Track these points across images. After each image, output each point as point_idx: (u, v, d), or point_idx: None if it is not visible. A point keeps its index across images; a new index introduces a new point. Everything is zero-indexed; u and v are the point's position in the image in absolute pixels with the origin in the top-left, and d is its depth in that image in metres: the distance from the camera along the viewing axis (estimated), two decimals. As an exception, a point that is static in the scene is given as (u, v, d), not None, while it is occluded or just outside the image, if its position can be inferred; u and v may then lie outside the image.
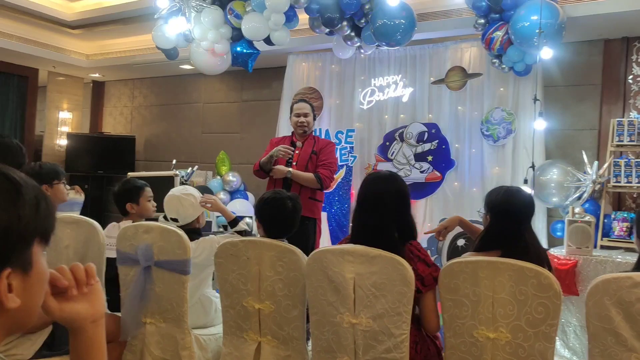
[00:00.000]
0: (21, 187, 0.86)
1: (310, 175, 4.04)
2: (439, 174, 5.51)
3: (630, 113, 4.89)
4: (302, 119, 4.15)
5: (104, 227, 3.10)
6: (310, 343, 2.52)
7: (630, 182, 4.25)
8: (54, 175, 3.40)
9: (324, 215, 5.40)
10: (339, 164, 5.80)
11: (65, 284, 1.00)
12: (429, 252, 2.51)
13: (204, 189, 4.25)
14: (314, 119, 4.26)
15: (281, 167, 4.02)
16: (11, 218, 0.83)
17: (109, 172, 7.81)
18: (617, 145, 4.42)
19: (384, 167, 5.75)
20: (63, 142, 8.05)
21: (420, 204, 5.58)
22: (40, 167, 3.23)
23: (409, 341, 2.22)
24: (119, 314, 2.95)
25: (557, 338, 2.07)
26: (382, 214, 2.34)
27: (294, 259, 2.49)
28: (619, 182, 4.29)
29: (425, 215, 5.49)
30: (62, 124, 8.18)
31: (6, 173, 0.87)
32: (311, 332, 2.47)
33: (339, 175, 5.77)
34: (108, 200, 7.58)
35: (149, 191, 3.46)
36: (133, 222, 3.20)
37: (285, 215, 2.69)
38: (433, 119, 5.60)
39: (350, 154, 5.92)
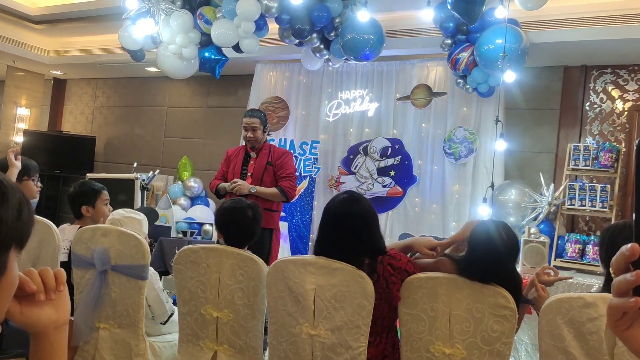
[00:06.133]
0: (7, 191, 0.84)
1: (273, 190, 3.95)
2: (400, 189, 5.58)
3: (587, 138, 5.07)
4: (249, 134, 3.98)
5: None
6: (267, 353, 2.51)
7: (584, 205, 4.39)
8: (24, 172, 3.33)
9: (284, 226, 5.39)
10: (303, 174, 5.81)
11: (34, 288, 0.95)
12: None
13: (149, 211, 4.01)
14: (265, 131, 4.08)
15: (244, 184, 3.91)
16: None
17: (66, 172, 7.62)
18: (573, 169, 4.57)
19: (347, 180, 5.79)
20: (19, 138, 7.82)
21: (380, 218, 5.62)
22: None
23: (366, 354, 2.23)
24: (71, 317, 2.87)
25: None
26: (351, 236, 2.28)
27: (255, 267, 2.47)
28: (574, 204, 4.43)
29: (386, 230, 5.54)
30: (19, 120, 7.95)
31: None
32: (269, 342, 2.45)
33: (302, 185, 5.78)
34: (64, 201, 7.39)
35: (106, 194, 3.29)
36: (81, 226, 3.06)
37: (245, 224, 2.64)
38: (397, 134, 5.67)
39: (314, 165, 5.94)
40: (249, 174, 3.99)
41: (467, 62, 4.62)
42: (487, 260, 2.14)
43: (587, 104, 5.13)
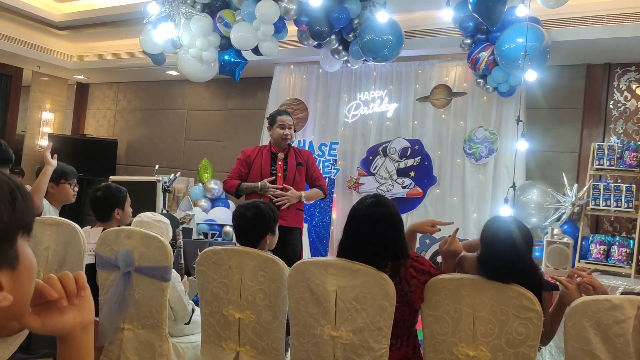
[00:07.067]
0: None
1: (315, 190, 4.14)
2: (420, 190, 5.55)
3: (611, 138, 4.99)
4: (286, 131, 4.07)
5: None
6: (289, 354, 2.51)
7: (609, 206, 4.32)
8: (61, 175, 3.44)
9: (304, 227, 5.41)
10: (323, 176, 5.83)
11: (55, 296, 0.95)
12: None
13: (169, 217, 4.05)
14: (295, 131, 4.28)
15: (294, 192, 3.95)
16: None
17: (89, 175, 7.71)
18: (597, 169, 4.51)
19: (367, 181, 5.78)
20: (44, 142, 7.95)
21: (401, 219, 5.60)
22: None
23: (387, 356, 2.22)
24: (96, 318, 2.91)
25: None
26: (377, 240, 2.29)
27: (276, 269, 2.48)
28: (598, 205, 4.36)
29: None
30: (44, 125, 8.09)
31: None
32: (291, 343, 2.46)
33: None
34: (87, 203, 7.48)
35: (129, 196, 3.40)
36: (105, 229, 3.11)
37: (245, 223, 2.68)
38: (417, 135, 5.65)
39: (333, 167, 5.94)
40: (279, 174, 4.03)
41: (487, 61, 4.58)
42: (506, 255, 2.10)
43: (611, 102, 5.06)
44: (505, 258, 2.10)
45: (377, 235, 2.29)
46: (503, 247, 2.13)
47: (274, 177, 4.00)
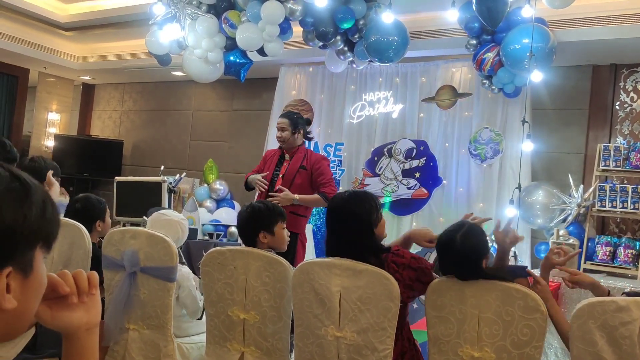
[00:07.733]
0: (30, 189, 0.86)
1: (315, 196, 4.00)
2: (425, 191, 5.54)
3: (617, 139, 4.97)
4: (279, 133, 4.11)
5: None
6: (293, 355, 2.51)
7: (615, 207, 4.30)
8: (45, 172, 3.39)
9: (308, 227, 5.39)
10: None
11: (67, 290, 0.97)
12: None
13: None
14: (294, 133, 4.10)
15: (287, 194, 3.91)
16: (17, 217, 0.82)
17: (95, 176, 7.75)
18: (603, 170, 4.48)
19: (372, 182, 5.78)
20: (50, 143, 7.98)
21: (405, 220, 5.60)
22: (33, 160, 3.18)
23: (392, 356, 2.22)
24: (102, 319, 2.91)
25: None
26: (342, 233, 2.38)
27: (281, 270, 2.49)
28: (604, 206, 4.34)
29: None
30: (50, 125, 8.12)
31: (17, 174, 0.86)
32: (295, 344, 2.46)
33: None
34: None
35: (107, 207, 3.32)
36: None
37: (241, 223, 2.76)
38: (422, 136, 5.64)
39: (338, 168, 5.94)
40: (281, 175, 4.07)
41: (492, 62, 4.57)
42: (446, 261, 2.22)
43: (617, 103, 5.03)
44: (449, 265, 2.21)
45: (343, 228, 2.37)
46: (444, 255, 2.23)
47: (267, 173, 4.08)
